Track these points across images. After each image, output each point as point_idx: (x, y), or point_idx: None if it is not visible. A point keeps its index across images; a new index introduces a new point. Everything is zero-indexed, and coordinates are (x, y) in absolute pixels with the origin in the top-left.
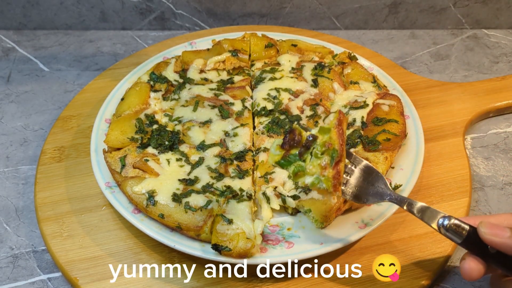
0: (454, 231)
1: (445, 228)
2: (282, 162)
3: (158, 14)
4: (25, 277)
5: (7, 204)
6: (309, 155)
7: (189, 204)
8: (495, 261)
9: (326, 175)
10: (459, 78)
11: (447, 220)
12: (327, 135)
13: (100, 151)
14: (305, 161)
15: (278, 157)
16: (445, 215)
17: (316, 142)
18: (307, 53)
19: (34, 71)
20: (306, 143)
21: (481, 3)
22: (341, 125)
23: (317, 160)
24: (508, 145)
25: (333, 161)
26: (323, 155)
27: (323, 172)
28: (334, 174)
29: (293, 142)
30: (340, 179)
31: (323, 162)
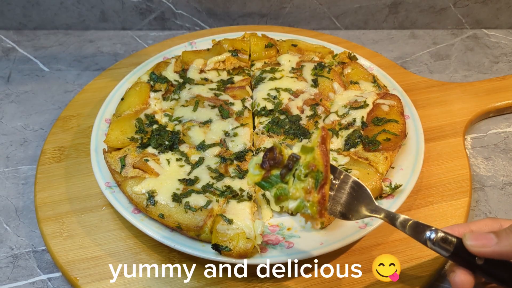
0: (441, 245)
1: (432, 242)
2: (262, 183)
3: (158, 14)
4: (25, 277)
5: (7, 204)
6: (292, 176)
7: (189, 204)
8: (483, 272)
9: (311, 200)
10: (459, 78)
11: (434, 233)
12: (310, 155)
13: (100, 151)
14: (288, 184)
15: (258, 177)
16: (432, 228)
17: (298, 163)
18: (307, 53)
19: (34, 71)
20: (288, 164)
21: (481, 3)
22: (324, 143)
23: (301, 183)
24: (508, 145)
25: (318, 184)
26: (306, 178)
27: (307, 196)
28: (319, 199)
29: (274, 161)
30: (325, 204)
31: (307, 185)
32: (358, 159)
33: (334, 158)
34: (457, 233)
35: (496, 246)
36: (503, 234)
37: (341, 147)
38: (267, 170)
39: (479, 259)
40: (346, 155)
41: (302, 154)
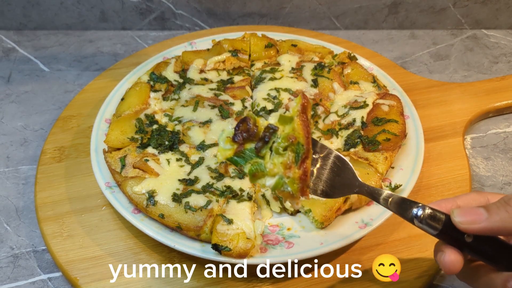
0: (428, 223)
1: (418, 219)
2: (235, 159)
3: (158, 14)
4: (26, 277)
5: (7, 204)
6: (269, 150)
7: (189, 204)
8: (472, 250)
9: (291, 176)
10: (459, 78)
11: (421, 210)
12: (289, 126)
13: (100, 151)
14: (264, 158)
15: (230, 152)
16: (419, 204)
17: (276, 135)
18: (307, 53)
19: (35, 71)
20: (264, 136)
21: (481, 4)
22: (305, 112)
23: (279, 157)
24: (508, 145)
25: (299, 158)
26: (286, 151)
27: (287, 172)
28: (300, 174)
29: (248, 134)
30: (307, 180)
31: (287, 160)
32: (358, 159)
33: None
34: (444, 208)
35: (486, 221)
36: (493, 208)
37: (341, 147)
38: (240, 143)
39: (468, 236)
40: (346, 155)
41: (280, 125)
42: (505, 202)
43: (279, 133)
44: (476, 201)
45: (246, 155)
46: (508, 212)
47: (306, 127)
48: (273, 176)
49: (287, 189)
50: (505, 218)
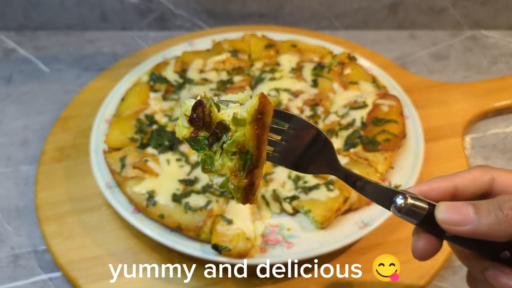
0: (410, 212)
1: (398, 209)
2: (190, 142)
3: (158, 14)
4: (26, 277)
5: (8, 204)
6: (220, 148)
7: (189, 204)
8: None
9: (236, 184)
10: (458, 79)
11: (401, 199)
12: (242, 129)
13: (100, 151)
14: (216, 154)
15: (187, 132)
16: (400, 192)
17: (228, 135)
18: (306, 54)
19: (35, 72)
20: (216, 132)
21: (480, 4)
22: (262, 118)
23: (228, 160)
24: (507, 145)
25: (246, 168)
26: (234, 157)
27: (232, 179)
28: (245, 184)
29: (201, 122)
30: (254, 190)
31: (233, 166)
32: (357, 159)
33: None
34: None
35: (472, 225)
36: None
37: (341, 147)
38: (195, 128)
39: None
40: (346, 155)
41: (233, 126)
42: (498, 205)
43: (230, 134)
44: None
45: (199, 142)
46: (498, 218)
47: (259, 136)
48: (220, 176)
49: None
50: (493, 225)
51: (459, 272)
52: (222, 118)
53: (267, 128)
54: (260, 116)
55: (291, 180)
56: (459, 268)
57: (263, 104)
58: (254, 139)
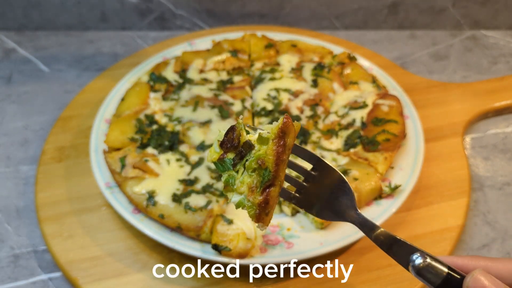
0: (427, 274)
1: (416, 269)
2: (217, 164)
3: (158, 14)
4: (26, 277)
5: (8, 204)
6: (242, 167)
7: (189, 204)
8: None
9: (251, 201)
10: (458, 79)
11: (420, 259)
12: (264, 148)
13: (100, 151)
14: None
15: (216, 156)
16: (418, 251)
17: (251, 154)
18: (306, 54)
19: (35, 72)
20: (241, 151)
21: (480, 4)
22: (283, 137)
23: (248, 177)
24: (507, 145)
25: (263, 184)
26: (253, 173)
27: (249, 195)
28: (260, 201)
29: (230, 144)
30: (267, 209)
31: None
32: (357, 159)
33: (333, 158)
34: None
35: None
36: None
37: (341, 147)
38: (224, 151)
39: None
40: (346, 155)
41: (258, 144)
42: None
43: (253, 152)
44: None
45: (225, 164)
46: None
47: (279, 154)
48: (239, 194)
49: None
50: None
51: None
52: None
53: (288, 149)
54: (282, 135)
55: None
56: None
57: (286, 124)
58: (274, 155)
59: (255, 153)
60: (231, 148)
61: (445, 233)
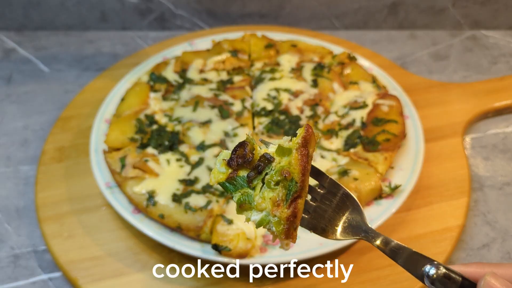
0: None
1: (430, 280)
2: (226, 184)
3: (158, 14)
4: (26, 277)
5: (8, 204)
6: (261, 182)
7: (189, 204)
8: None
9: (278, 215)
10: (458, 79)
11: (433, 269)
12: (287, 159)
13: (100, 151)
14: (255, 190)
15: (223, 176)
16: (432, 262)
17: (271, 166)
18: (306, 54)
19: (35, 72)
20: (258, 166)
21: (480, 4)
22: (306, 146)
23: (270, 192)
24: (507, 145)
25: (290, 196)
26: (277, 186)
27: (274, 210)
28: (288, 215)
29: (242, 160)
30: (296, 223)
31: (277, 196)
32: (357, 160)
33: (333, 158)
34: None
35: None
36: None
37: (341, 147)
38: (233, 169)
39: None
40: (346, 155)
41: (277, 156)
42: None
43: (274, 165)
44: None
45: (237, 182)
46: None
47: (304, 163)
48: (260, 211)
49: (272, 228)
50: None
51: None
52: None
53: (311, 159)
54: (305, 143)
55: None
56: None
57: (309, 133)
58: (299, 165)
59: (276, 165)
60: (244, 164)
61: (445, 233)
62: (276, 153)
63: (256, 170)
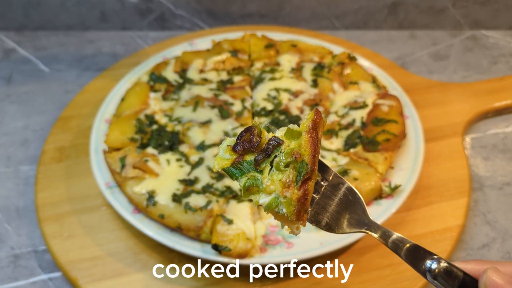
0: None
1: (432, 274)
2: (231, 170)
3: (158, 14)
4: (26, 277)
5: (8, 204)
6: (269, 165)
7: (189, 204)
8: None
9: (289, 197)
10: (458, 79)
11: (435, 263)
12: (296, 142)
13: (100, 151)
14: (262, 173)
15: (228, 162)
16: (434, 257)
17: (280, 149)
18: (306, 54)
19: (35, 72)
20: (267, 148)
21: (480, 4)
22: (316, 129)
23: (279, 174)
24: (507, 145)
25: (300, 178)
26: (287, 168)
27: (284, 191)
28: (299, 196)
29: (250, 145)
30: (306, 204)
31: (287, 178)
32: (357, 160)
33: (333, 158)
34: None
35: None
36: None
37: (341, 147)
38: (239, 154)
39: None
40: (346, 155)
41: (286, 139)
42: None
43: (283, 148)
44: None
45: (243, 167)
46: None
47: (314, 145)
48: (268, 194)
49: (282, 210)
50: None
51: None
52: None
53: (320, 143)
54: (315, 126)
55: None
56: None
57: (319, 116)
58: (311, 147)
59: (285, 148)
60: (250, 148)
61: (445, 233)
62: (285, 135)
63: (265, 152)
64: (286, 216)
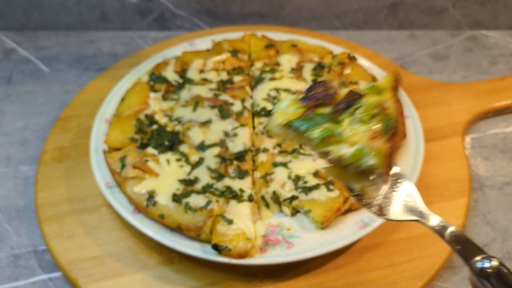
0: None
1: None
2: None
3: (158, 14)
4: (26, 277)
5: (8, 204)
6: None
7: (189, 204)
8: None
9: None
10: (458, 79)
11: (487, 262)
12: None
13: (100, 151)
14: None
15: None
16: (485, 254)
17: (361, 101)
18: (306, 54)
19: (35, 72)
20: (348, 99)
21: (480, 4)
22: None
23: (363, 125)
24: (507, 145)
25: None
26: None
27: (371, 142)
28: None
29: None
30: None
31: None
32: None
33: None
34: None
35: None
36: None
37: None
38: (309, 107)
39: None
40: None
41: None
42: None
43: (364, 101)
44: None
45: (315, 120)
46: None
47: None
48: (351, 145)
49: (368, 162)
50: None
51: (459, 272)
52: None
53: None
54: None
55: (291, 180)
56: (459, 268)
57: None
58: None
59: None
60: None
61: None
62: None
63: (346, 103)
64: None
